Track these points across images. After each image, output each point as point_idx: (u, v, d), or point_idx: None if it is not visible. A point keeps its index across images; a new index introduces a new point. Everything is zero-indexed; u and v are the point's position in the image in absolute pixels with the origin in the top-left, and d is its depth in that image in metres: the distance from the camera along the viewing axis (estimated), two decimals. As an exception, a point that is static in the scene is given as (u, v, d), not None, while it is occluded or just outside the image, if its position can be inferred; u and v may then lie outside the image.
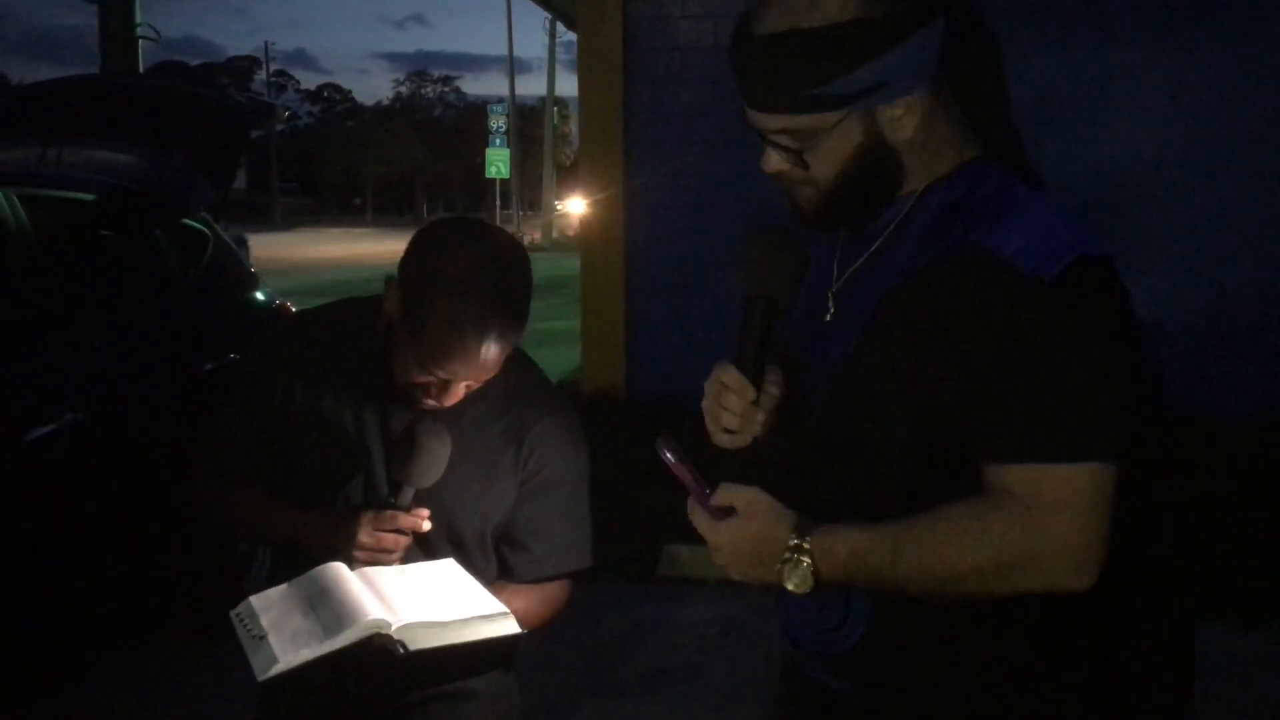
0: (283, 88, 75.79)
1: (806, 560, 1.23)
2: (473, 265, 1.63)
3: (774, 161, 1.32)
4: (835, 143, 1.27)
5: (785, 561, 1.24)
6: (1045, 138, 6.66)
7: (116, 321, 3.89)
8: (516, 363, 1.78)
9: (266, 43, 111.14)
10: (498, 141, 39.35)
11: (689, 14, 6.49)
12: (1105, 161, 6.59)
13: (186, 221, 4.44)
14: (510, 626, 1.60)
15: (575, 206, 43.34)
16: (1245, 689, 3.87)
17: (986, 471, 1.23)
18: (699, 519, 1.28)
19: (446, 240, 1.68)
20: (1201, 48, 6.45)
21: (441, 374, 1.66)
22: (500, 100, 43.43)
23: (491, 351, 1.65)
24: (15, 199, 3.55)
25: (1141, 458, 1.26)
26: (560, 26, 30.77)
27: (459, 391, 1.70)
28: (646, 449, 1.47)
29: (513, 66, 42.41)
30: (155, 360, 3.96)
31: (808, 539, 1.23)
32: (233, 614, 1.61)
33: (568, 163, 51.62)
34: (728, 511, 1.27)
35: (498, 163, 38.71)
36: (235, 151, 4.50)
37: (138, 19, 9.99)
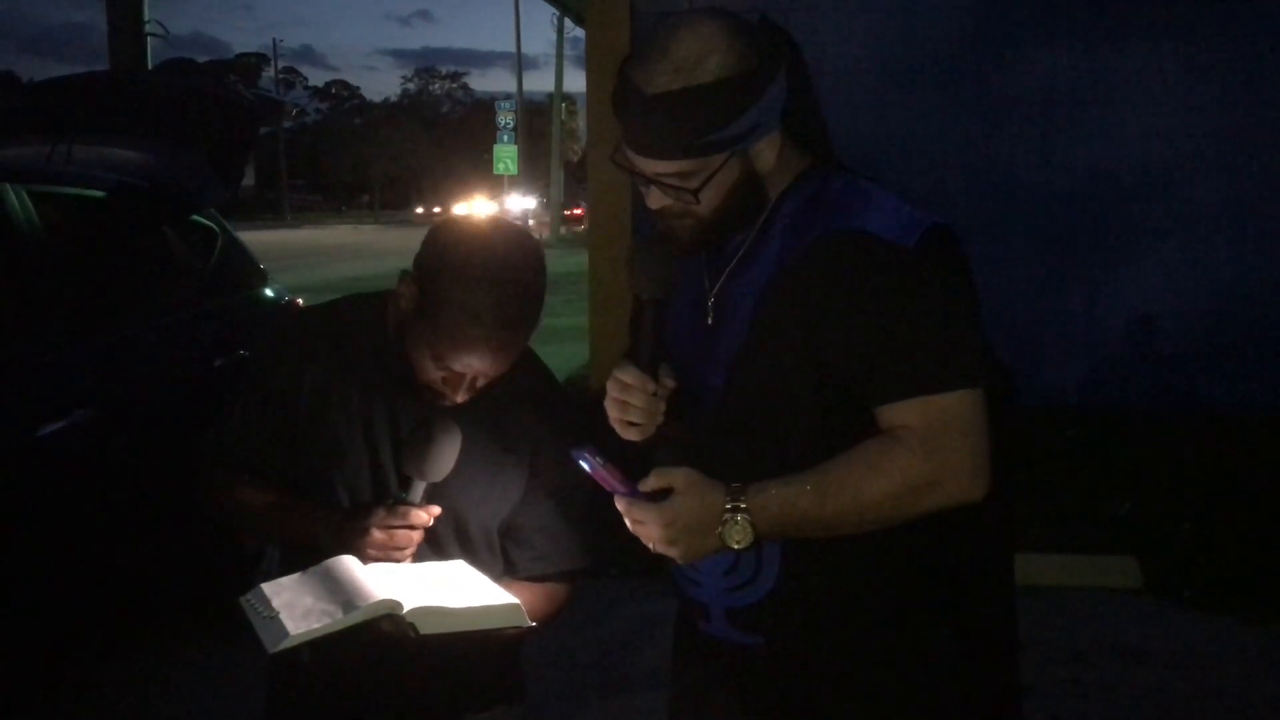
0: (291, 84, 75.82)
1: (744, 516, 1.39)
2: (489, 259, 1.64)
3: (659, 199, 1.50)
4: (720, 179, 1.46)
5: (724, 523, 1.39)
6: (1053, 133, 6.65)
7: (126, 318, 3.90)
8: (524, 361, 1.79)
9: (275, 39, 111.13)
10: (505, 138, 39.31)
11: (697, 9, 6.49)
12: (1113, 157, 6.58)
13: (196, 218, 4.45)
14: (520, 619, 1.62)
15: (515, 205, 43.12)
16: (1252, 684, 3.86)
17: (881, 413, 1.44)
18: (638, 511, 1.42)
19: (463, 235, 1.69)
20: (1211, 44, 6.44)
21: (456, 367, 1.67)
22: (508, 97, 43.45)
23: (506, 345, 1.66)
24: (25, 195, 3.56)
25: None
26: (568, 23, 30.75)
27: (471, 387, 1.70)
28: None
29: (520, 63, 42.45)
30: (165, 356, 3.97)
31: (742, 499, 1.40)
32: (242, 599, 1.62)
33: (575, 159, 51.62)
34: (664, 494, 1.41)
35: (505, 159, 38.68)
36: (244, 148, 4.50)
37: (146, 16, 10.00)
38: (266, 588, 1.62)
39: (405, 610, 1.53)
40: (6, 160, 4.06)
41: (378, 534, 1.68)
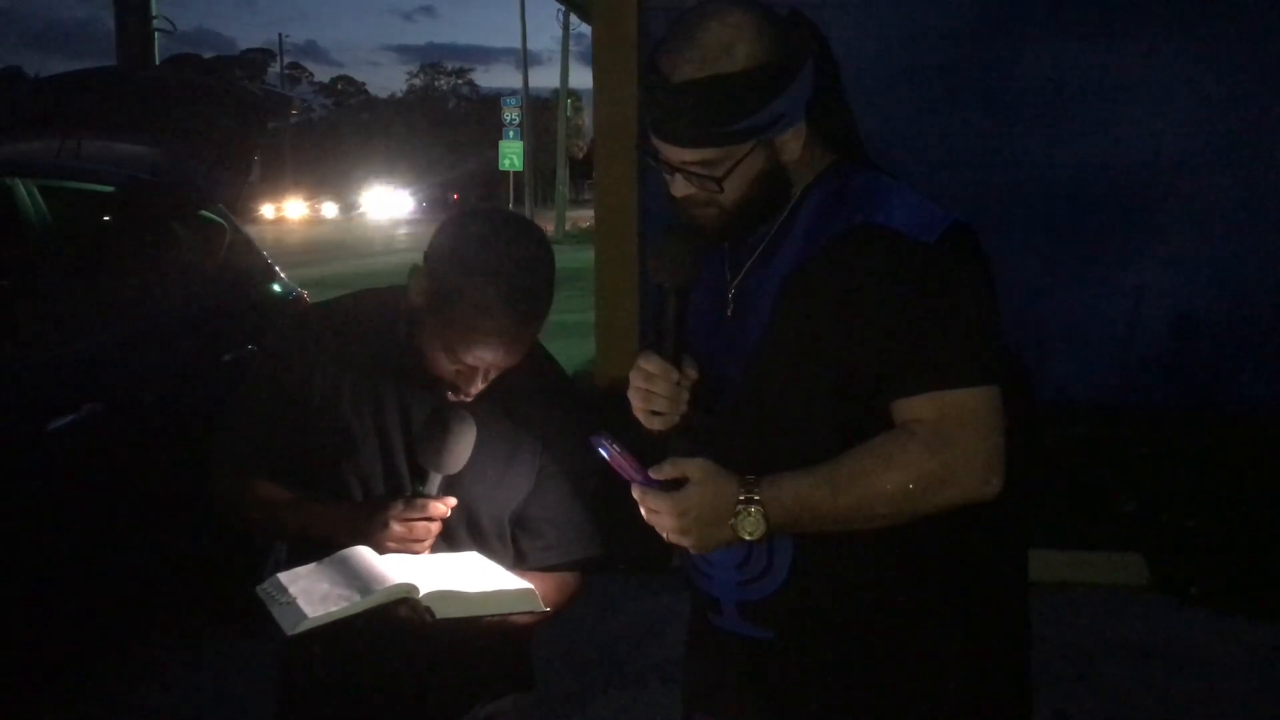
0: (297, 80, 75.87)
1: (756, 508, 1.40)
2: (499, 253, 1.64)
3: (683, 187, 1.51)
4: (744, 169, 1.46)
5: (737, 514, 1.40)
6: (1061, 130, 6.63)
7: (135, 312, 3.91)
8: (533, 354, 1.79)
9: (280, 35, 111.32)
10: (511, 134, 39.35)
11: None
12: (1122, 154, 6.56)
13: (204, 213, 4.46)
14: (534, 603, 1.63)
15: (294, 210, 40.03)
16: (1257, 681, 3.87)
17: (896, 406, 1.44)
18: (652, 500, 1.43)
19: (473, 229, 1.70)
20: (1219, 39, 6.42)
21: (469, 360, 1.67)
22: (514, 93, 43.46)
23: (518, 337, 1.67)
24: (35, 190, 3.57)
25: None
26: (574, 18, 30.75)
27: (484, 379, 1.71)
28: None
29: (526, 59, 42.42)
30: (174, 351, 3.98)
31: (755, 491, 1.41)
32: (258, 588, 1.62)
33: (581, 155, 51.60)
34: (679, 484, 1.42)
35: (511, 155, 38.71)
36: (252, 143, 4.52)
37: (154, 11, 10.01)
38: (283, 576, 1.63)
39: (421, 594, 1.54)
40: (16, 155, 4.08)
41: (396, 527, 1.69)
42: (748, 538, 1.41)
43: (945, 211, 1.48)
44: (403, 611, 1.55)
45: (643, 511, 1.45)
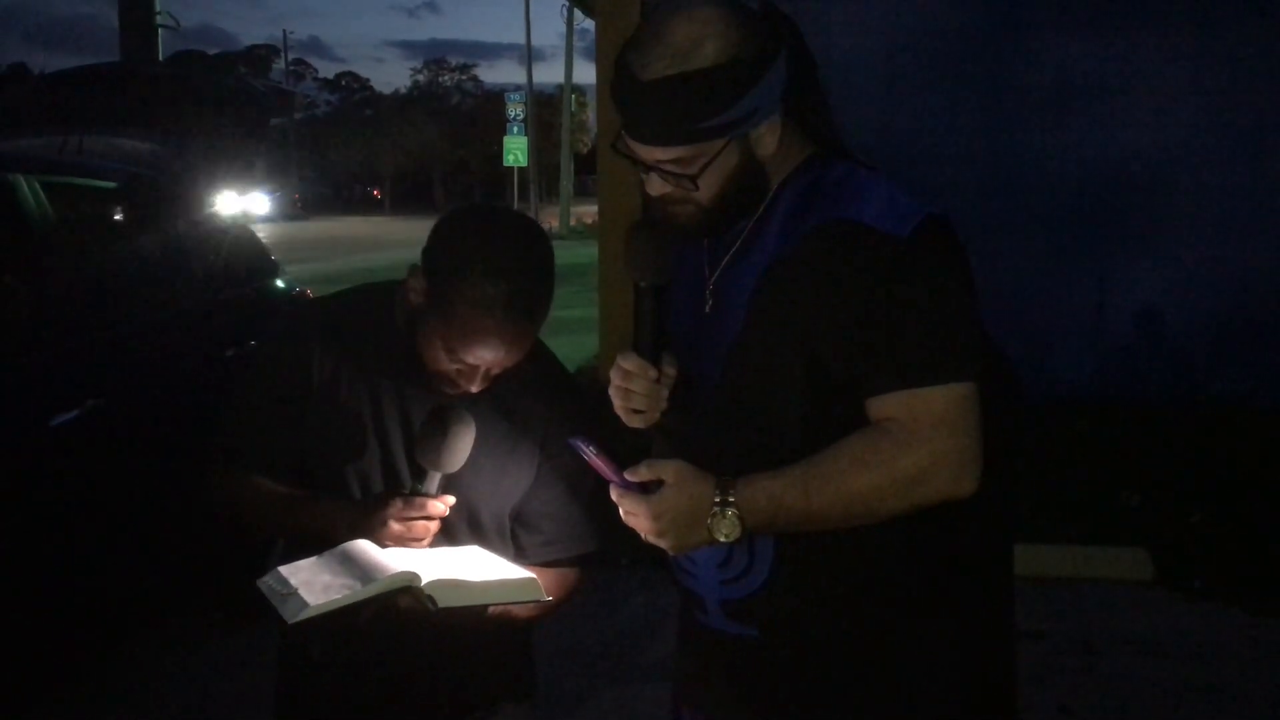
0: (301, 76, 75.82)
1: (732, 510, 1.39)
2: (499, 250, 1.64)
3: (658, 185, 1.50)
4: (719, 165, 1.45)
5: (713, 516, 1.40)
6: (1067, 125, 6.63)
7: (138, 308, 3.91)
8: (532, 349, 1.79)
9: (285, 31, 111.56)
10: (515, 130, 39.39)
11: (707, 0, 6.47)
12: (1127, 148, 6.55)
13: (206, 208, 4.46)
14: (536, 592, 1.63)
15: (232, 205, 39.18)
16: (1262, 676, 3.86)
17: (870, 405, 1.43)
18: (629, 502, 1.43)
19: (471, 227, 1.69)
20: (1224, 35, 6.41)
21: (470, 359, 1.66)
22: (518, 88, 43.47)
23: (519, 335, 1.66)
24: (38, 186, 3.57)
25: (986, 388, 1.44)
26: (578, 13, 30.74)
27: (485, 378, 1.71)
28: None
29: (530, 54, 42.42)
30: (177, 347, 3.98)
31: (731, 493, 1.40)
32: (260, 581, 1.62)
33: (585, 150, 51.59)
34: (655, 486, 1.41)
35: (515, 151, 38.76)
36: (255, 139, 4.52)
37: (157, 8, 10.02)
38: (284, 569, 1.62)
39: (423, 583, 1.54)
40: (19, 151, 4.08)
41: (395, 525, 1.68)
42: (724, 539, 1.40)
43: (920, 204, 1.46)
44: (404, 601, 1.55)
45: (621, 514, 1.45)
